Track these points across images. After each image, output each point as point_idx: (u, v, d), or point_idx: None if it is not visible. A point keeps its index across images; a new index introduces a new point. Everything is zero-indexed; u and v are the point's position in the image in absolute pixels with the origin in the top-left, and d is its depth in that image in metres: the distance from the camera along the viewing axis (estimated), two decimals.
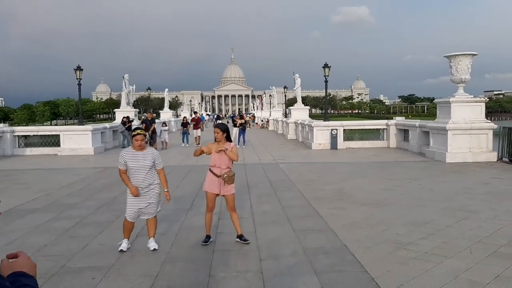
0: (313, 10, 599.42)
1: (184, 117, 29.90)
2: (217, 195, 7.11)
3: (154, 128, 24.39)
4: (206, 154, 7.13)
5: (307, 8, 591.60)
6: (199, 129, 28.35)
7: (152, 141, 23.07)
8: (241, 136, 26.39)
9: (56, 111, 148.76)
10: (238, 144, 25.60)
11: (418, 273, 5.73)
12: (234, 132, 26.01)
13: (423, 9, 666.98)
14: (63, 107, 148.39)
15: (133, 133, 6.75)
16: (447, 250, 6.62)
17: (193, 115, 32.44)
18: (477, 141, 17.59)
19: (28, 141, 24.85)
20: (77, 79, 27.70)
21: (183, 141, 27.18)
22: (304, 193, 11.30)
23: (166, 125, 27.75)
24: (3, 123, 43.75)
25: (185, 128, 27.60)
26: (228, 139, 7.13)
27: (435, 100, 21.17)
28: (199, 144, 26.26)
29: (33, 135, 25.14)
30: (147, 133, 23.48)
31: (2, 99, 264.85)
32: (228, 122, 36.90)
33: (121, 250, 6.75)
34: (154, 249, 6.83)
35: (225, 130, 7.10)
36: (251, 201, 10.45)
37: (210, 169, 7.09)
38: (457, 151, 17.34)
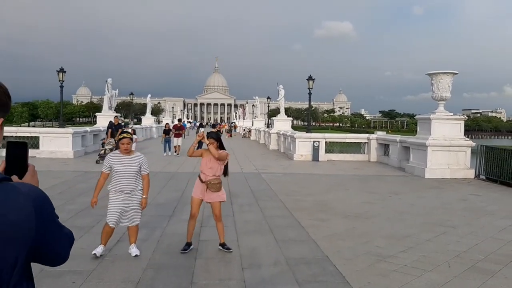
0: (297, 23, 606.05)
1: (167, 123, 28.55)
2: (202, 200, 7.14)
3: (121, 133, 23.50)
4: (194, 153, 7.13)
5: (291, 20, 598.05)
6: (181, 138, 26.60)
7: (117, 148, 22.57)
8: None
9: (34, 113, 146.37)
10: None
11: (398, 286, 5.82)
12: None
13: (404, 27, 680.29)
14: (42, 109, 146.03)
15: (120, 136, 6.74)
16: (426, 264, 6.74)
17: (176, 122, 30.76)
18: (455, 158, 17.95)
19: (5, 142, 24.35)
20: (59, 81, 27.43)
21: (165, 150, 25.67)
22: (286, 204, 11.35)
23: (134, 133, 25.94)
24: None
25: (167, 136, 26.10)
26: (221, 147, 7.18)
27: (416, 116, 21.56)
28: (178, 154, 25.00)
29: (11, 136, 24.69)
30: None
31: None
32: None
33: (94, 254, 6.60)
34: (136, 255, 6.77)
35: (218, 138, 7.15)
36: (234, 210, 10.46)
37: (199, 175, 7.19)
38: (436, 167, 17.65)
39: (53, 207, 1.58)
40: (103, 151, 20.56)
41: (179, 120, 32.65)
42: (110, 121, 25.41)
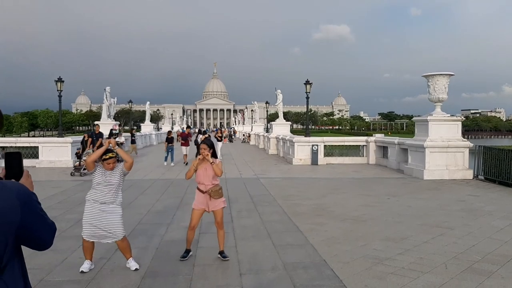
0: (295, 26, 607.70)
1: (169, 131, 26.41)
2: (205, 211, 7.12)
3: (102, 143, 19.82)
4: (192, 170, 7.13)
5: (288, 24, 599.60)
6: (188, 146, 24.41)
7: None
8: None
9: (34, 122, 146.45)
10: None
11: None
12: (219, 146, 26.43)
13: (402, 29, 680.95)
14: (41, 118, 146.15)
15: (105, 156, 6.34)
16: (424, 266, 6.77)
17: (184, 129, 28.37)
18: (453, 159, 17.99)
19: (4, 152, 24.43)
20: (58, 90, 27.53)
21: (166, 160, 23.51)
22: (284, 208, 11.39)
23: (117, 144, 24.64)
24: None
25: (170, 144, 23.68)
26: (214, 155, 7.11)
27: (413, 118, 21.63)
28: (186, 163, 23.37)
29: (11, 147, 24.75)
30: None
31: None
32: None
33: (82, 271, 6.39)
34: (136, 269, 6.56)
35: (211, 145, 7.11)
36: (232, 216, 10.49)
37: (197, 187, 7.13)
38: (434, 168, 17.70)
39: (36, 200, 1.90)
40: (77, 163, 19.30)
41: (188, 127, 29.74)
42: (89, 131, 24.67)
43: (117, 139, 24.29)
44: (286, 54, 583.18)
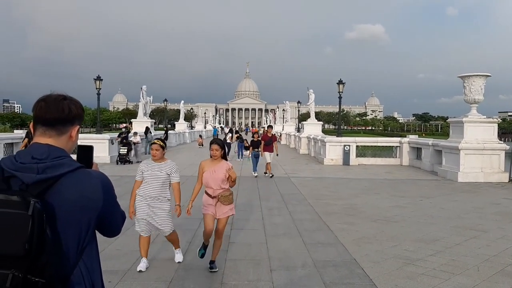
0: (328, 26, 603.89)
1: (264, 129, 22.92)
2: (213, 217, 6.50)
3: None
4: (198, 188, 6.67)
5: (321, 24, 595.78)
6: (272, 153, 18.80)
7: None
8: (240, 150, 26.87)
9: None
10: (239, 157, 26.33)
11: None
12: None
13: (437, 28, 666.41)
14: None
15: (152, 142, 6.73)
16: (455, 267, 6.74)
17: (264, 130, 23.56)
18: (489, 162, 17.61)
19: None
20: (96, 88, 28.31)
21: (255, 169, 18.52)
22: (315, 207, 11.46)
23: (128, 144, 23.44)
24: (21, 129, 44.42)
25: (256, 150, 18.69)
26: (224, 157, 6.57)
27: (448, 120, 21.28)
28: (271, 174, 18.18)
29: None
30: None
31: (19, 105, 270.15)
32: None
33: (140, 271, 6.39)
34: (179, 262, 6.77)
35: (223, 146, 6.60)
36: (263, 214, 10.64)
37: (205, 191, 6.53)
38: (469, 170, 17.37)
39: (114, 189, 2.07)
40: None
41: (270, 126, 22.15)
42: (28, 130, 23.41)
43: (131, 139, 24.74)
44: (318, 53, 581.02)
